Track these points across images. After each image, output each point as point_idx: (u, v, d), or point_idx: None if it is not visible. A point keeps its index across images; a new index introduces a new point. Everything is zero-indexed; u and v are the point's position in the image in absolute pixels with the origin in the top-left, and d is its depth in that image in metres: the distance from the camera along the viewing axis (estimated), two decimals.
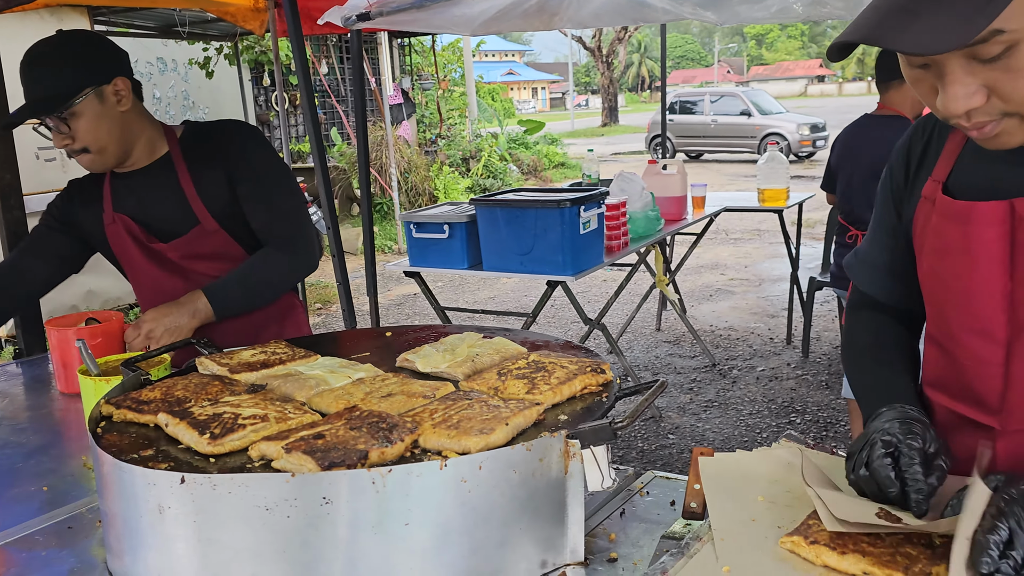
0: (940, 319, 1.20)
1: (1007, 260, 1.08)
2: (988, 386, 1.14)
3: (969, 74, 0.94)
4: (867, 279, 1.38)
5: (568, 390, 1.31)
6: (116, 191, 2.11)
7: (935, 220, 1.16)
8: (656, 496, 1.37)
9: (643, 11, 2.84)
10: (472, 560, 1.07)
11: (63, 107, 1.89)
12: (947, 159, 1.18)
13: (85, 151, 1.97)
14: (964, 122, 0.99)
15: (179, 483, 1.02)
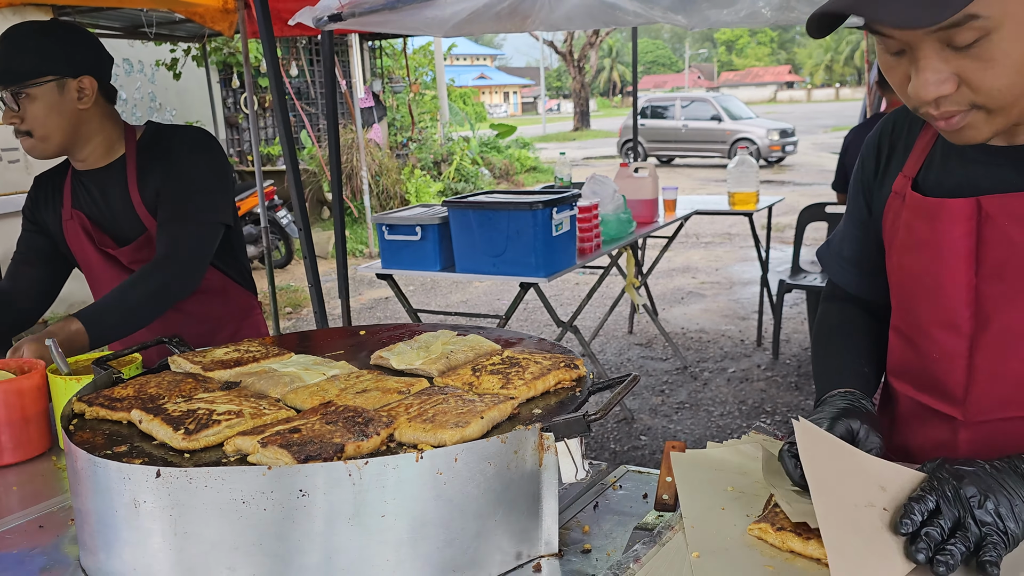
0: (907, 312, 1.23)
1: (972, 256, 1.10)
2: (953, 378, 1.17)
3: (942, 60, 0.96)
4: (838, 270, 1.42)
5: (542, 385, 1.32)
6: (75, 188, 2.10)
7: (905, 216, 1.19)
8: (629, 490, 1.39)
9: (614, 14, 2.87)
10: (448, 551, 1.08)
11: (18, 84, 1.89)
12: (918, 155, 1.21)
13: (28, 135, 1.95)
14: (933, 110, 1.00)
15: (154, 477, 1.02)
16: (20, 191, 6.41)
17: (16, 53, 1.91)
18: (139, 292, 1.92)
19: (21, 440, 1.58)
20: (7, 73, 1.90)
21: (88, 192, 2.08)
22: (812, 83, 63.89)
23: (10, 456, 1.58)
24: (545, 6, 2.92)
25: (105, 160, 2.07)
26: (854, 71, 56.11)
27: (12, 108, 1.92)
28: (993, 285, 1.10)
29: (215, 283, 2.20)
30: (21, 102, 1.91)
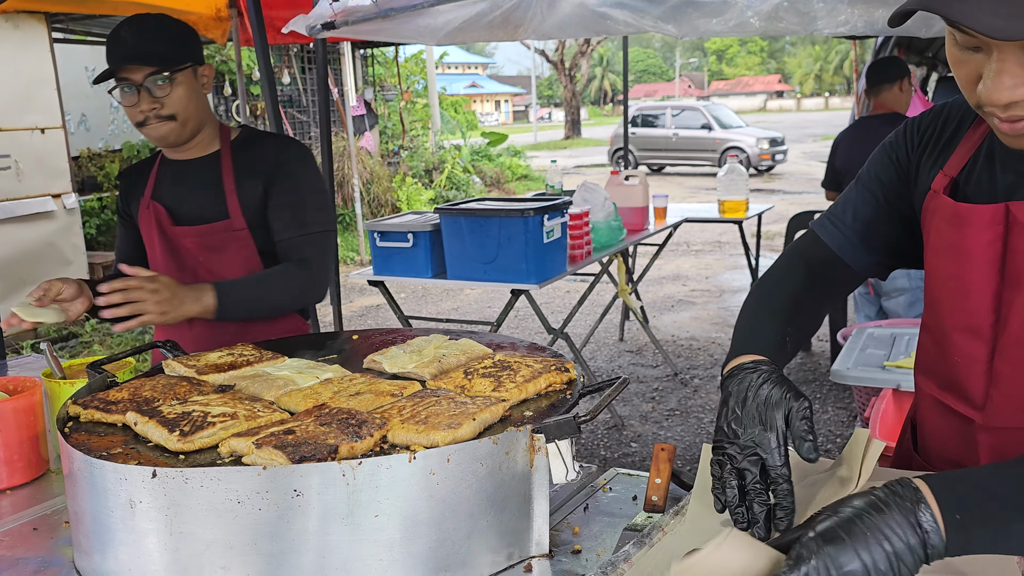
0: (935, 312, 1.22)
1: (999, 261, 1.10)
2: (973, 382, 1.17)
3: (1020, 66, 0.95)
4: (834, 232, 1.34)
5: (533, 388, 1.34)
6: (160, 178, 2.13)
7: (936, 220, 1.18)
8: (618, 492, 1.41)
9: (605, 23, 2.90)
10: (440, 551, 1.10)
11: (171, 68, 1.95)
12: (962, 156, 1.19)
13: (172, 119, 1.99)
14: (1000, 112, 1.00)
15: (150, 477, 1.04)
16: (10, 198, 6.40)
17: (161, 39, 1.96)
18: (276, 281, 2.02)
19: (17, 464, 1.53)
20: (158, 58, 1.94)
21: (173, 181, 2.12)
22: (802, 92, 64.24)
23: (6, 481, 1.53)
24: (537, 15, 2.95)
25: (204, 151, 2.12)
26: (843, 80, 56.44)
27: (155, 95, 1.95)
28: (1015, 291, 1.10)
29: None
30: (164, 88, 1.95)
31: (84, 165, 9.04)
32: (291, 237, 2.06)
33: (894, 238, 1.31)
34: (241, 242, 2.06)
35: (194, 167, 2.11)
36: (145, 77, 1.93)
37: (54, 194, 6.75)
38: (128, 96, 1.96)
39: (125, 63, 1.92)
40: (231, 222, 2.05)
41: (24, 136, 6.52)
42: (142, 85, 1.94)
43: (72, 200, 6.94)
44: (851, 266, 1.33)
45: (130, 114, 2.00)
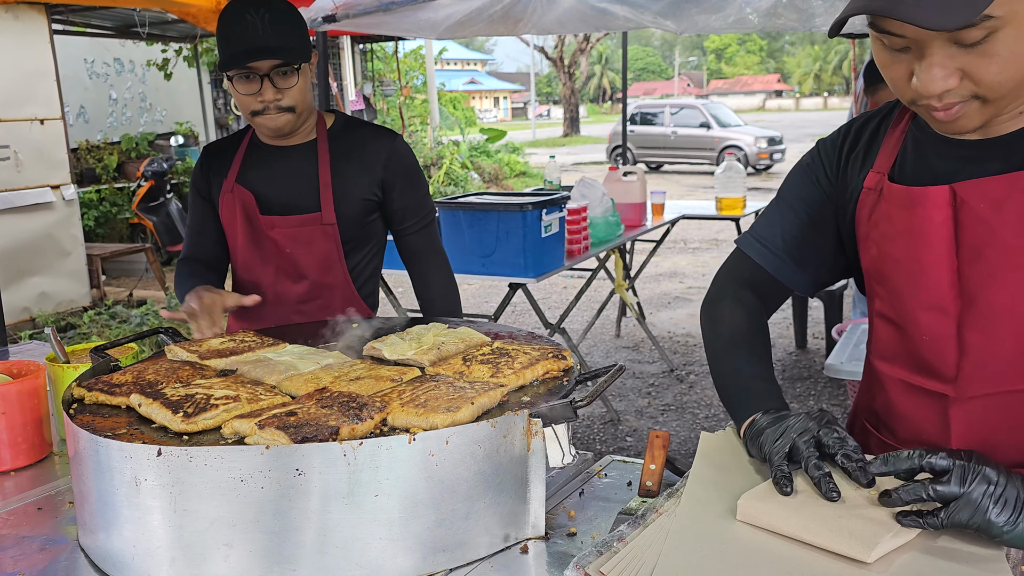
0: (893, 298, 1.28)
1: (952, 240, 1.17)
2: (943, 358, 1.22)
3: (949, 57, 1.04)
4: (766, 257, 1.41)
5: (531, 374, 1.36)
6: (247, 162, 2.10)
7: (884, 207, 1.25)
8: (614, 478, 1.43)
9: (605, 19, 2.93)
10: (438, 531, 1.12)
11: (299, 61, 1.93)
12: (889, 153, 1.27)
13: (291, 110, 1.96)
14: (935, 103, 1.08)
15: (156, 455, 1.06)
16: (9, 189, 6.41)
17: (290, 29, 1.92)
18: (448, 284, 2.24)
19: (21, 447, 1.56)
20: (290, 50, 1.90)
21: (264, 167, 2.08)
22: (801, 92, 64.30)
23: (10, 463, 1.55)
24: (537, 10, 2.97)
25: (303, 139, 2.09)
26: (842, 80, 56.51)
27: (277, 85, 1.91)
28: (974, 266, 1.16)
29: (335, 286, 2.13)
30: (288, 79, 1.93)
31: (83, 157, 9.05)
32: (414, 229, 2.15)
33: (824, 254, 1.39)
34: (327, 236, 2.05)
35: (290, 155, 2.07)
36: (272, 67, 1.89)
37: (53, 185, 6.77)
38: (248, 84, 1.90)
39: (259, 56, 1.86)
40: (321, 216, 2.03)
41: (23, 127, 6.53)
42: (267, 75, 1.89)
43: (71, 191, 6.96)
44: (787, 286, 1.42)
45: (245, 102, 1.94)
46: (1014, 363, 1.17)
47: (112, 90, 10.32)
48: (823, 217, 1.37)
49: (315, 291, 2.09)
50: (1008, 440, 1.17)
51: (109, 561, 1.15)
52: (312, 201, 2.03)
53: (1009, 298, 1.15)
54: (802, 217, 1.39)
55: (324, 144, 2.06)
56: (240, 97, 1.94)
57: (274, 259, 2.07)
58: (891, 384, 1.33)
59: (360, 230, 2.10)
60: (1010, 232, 1.13)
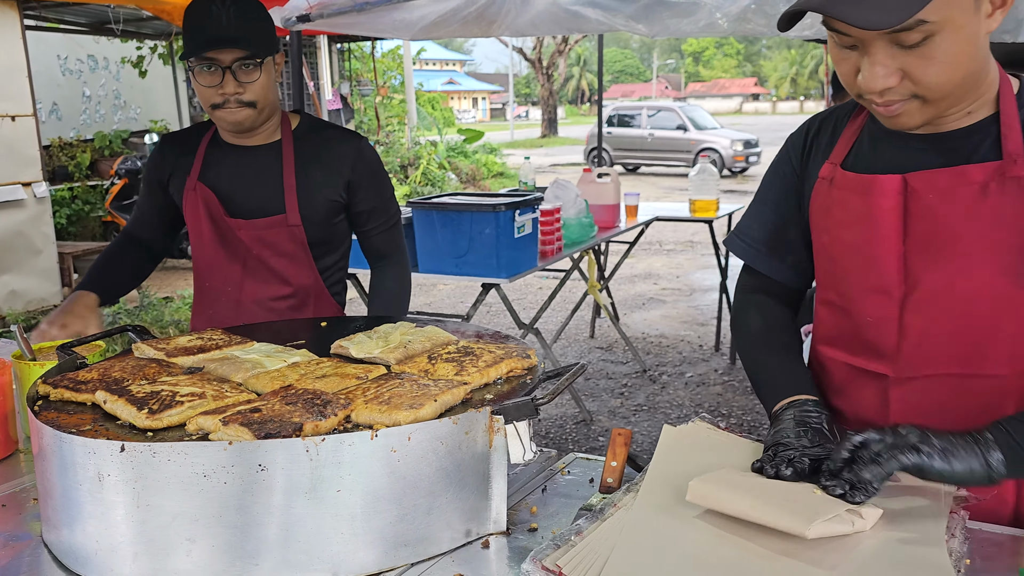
0: (839, 282, 1.36)
1: (901, 227, 1.25)
2: (885, 338, 1.30)
3: (890, 57, 1.12)
4: (748, 251, 1.52)
5: (495, 372, 1.38)
6: (209, 159, 2.08)
7: (836, 194, 1.33)
8: (576, 475, 1.46)
9: (577, 21, 2.95)
10: (400, 526, 1.14)
11: (263, 55, 1.91)
12: (844, 145, 1.36)
13: (252, 105, 1.94)
14: (877, 99, 1.16)
15: (119, 451, 1.07)
16: None
17: (255, 21, 1.91)
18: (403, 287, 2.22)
19: None
20: (254, 42, 1.88)
21: (227, 166, 2.06)
22: (777, 95, 64.86)
23: None
24: (511, 12, 2.99)
25: (266, 140, 2.07)
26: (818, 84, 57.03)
27: (239, 79, 1.89)
28: (919, 252, 1.24)
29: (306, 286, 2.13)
30: (251, 73, 1.90)
31: (55, 154, 8.97)
32: (377, 231, 2.17)
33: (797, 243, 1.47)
34: (293, 237, 2.05)
35: (254, 155, 2.06)
36: (235, 60, 1.87)
37: (24, 183, 6.70)
38: (210, 76, 1.89)
39: (220, 45, 1.84)
40: (286, 217, 2.03)
41: None
42: (229, 67, 1.87)
43: (43, 189, 6.89)
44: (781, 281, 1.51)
45: (206, 94, 1.92)
46: (949, 347, 1.25)
47: (86, 87, 10.21)
48: (791, 207, 1.45)
49: (284, 291, 2.09)
50: (942, 421, 1.23)
51: (72, 556, 1.16)
52: (277, 203, 2.03)
53: (949, 283, 1.23)
54: (773, 209, 1.48)
55: (289, 145, 2.06)
56: (201, 89, 1.92)
57: (241, 259, 2.07)
58: (835, 367, 1.40)
59: (327, 231, 2.10)
60: (955, 221, 1.21)
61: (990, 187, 1.19)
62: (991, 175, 1.19)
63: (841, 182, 1.32)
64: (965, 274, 1.22)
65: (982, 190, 1.19)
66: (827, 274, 1.39)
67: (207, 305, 2.15)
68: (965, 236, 1.21)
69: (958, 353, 1.25)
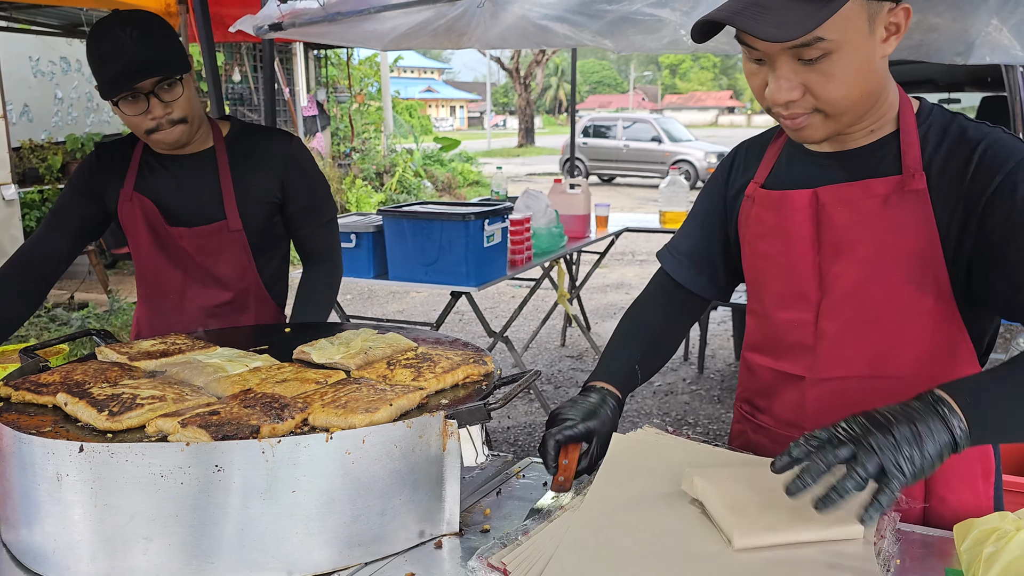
0: (762, 292, 1.46)
1: (814, 236, 1.35)
2: (802, 342, 1.40)
3: (793, 71, 1.20)
4: (671, 261, 1.63)
5: (451, 378, 1.42)
6: (144, 170, 2.08)
7: (756, 211, 1.43)
8: (531, 479, 1.50)
9: (546, 35, 3.00)
10: (354, 527, 1.17)
11: (182, 72, 1.90)
12: (766, 165, 1.46)
13: (183, 121, 1.96)
14: (783, 111, 1.25)
15: (78, 451, 1.09)
16: None
17: (164, 43, 1.90)
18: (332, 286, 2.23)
19: None
20: (168, 64, 1.88)
21: (162, 176, 2.07)
22: (752, 109, 65.49)
23: None
24: (480, 25, 3.03)
25: (198, 148, 2.09)
26: None
27: (163, 100, 1.90)
28: (831, 260, 1.34)
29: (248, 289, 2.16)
30: (174, 92, 1.91)
31: (26, 156, 8.87)
32: (311, 230, 2.19)
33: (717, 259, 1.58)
34: (236, 242, 2.07)
35: (188, 164, 2.08)
36: (155, 84, 1.88)
37: None
38: (135, 105, 1.89)
39: (140, 75, 1.84)
40: (227, 223, 2.06)
41: None
42: (151, 92, 1.88)
43: (11, 191, 6.83)
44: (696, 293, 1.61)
45: (137, 123, 1.92)
46: (860, 349, 1.35)
47: (58, 89, 10.14)
48: (715, 225, 1.56)
49: (225, 296, 2.12)
50: None
51: (31, 556, 1.18)
52: (217, 209, 2.06)
53: (859, 289, 1.32)
54: (700, 226, 1.59)
55: (222, 151, 2.09)
56: (129, 119, 1.91)
57: (182, 266, 2.10)
58: (760, 372, 1.50)
59: (266, 233, 2.14)
60: (860, 231, 1.31)
61: (891, 199, 1.29)
62: (892, 188, 1.29)
63: (760, 199, 1.42)
64: (872, 280, 1.31)
65: (884, 202, 1.29)
66: (751, 285, 1.50)
67: (150, 311, 2.18)
68: (870, 245, 1.30)
69: (867, 355, 1.35)
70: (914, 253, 1.28)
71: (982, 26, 2.38)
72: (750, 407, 1.57)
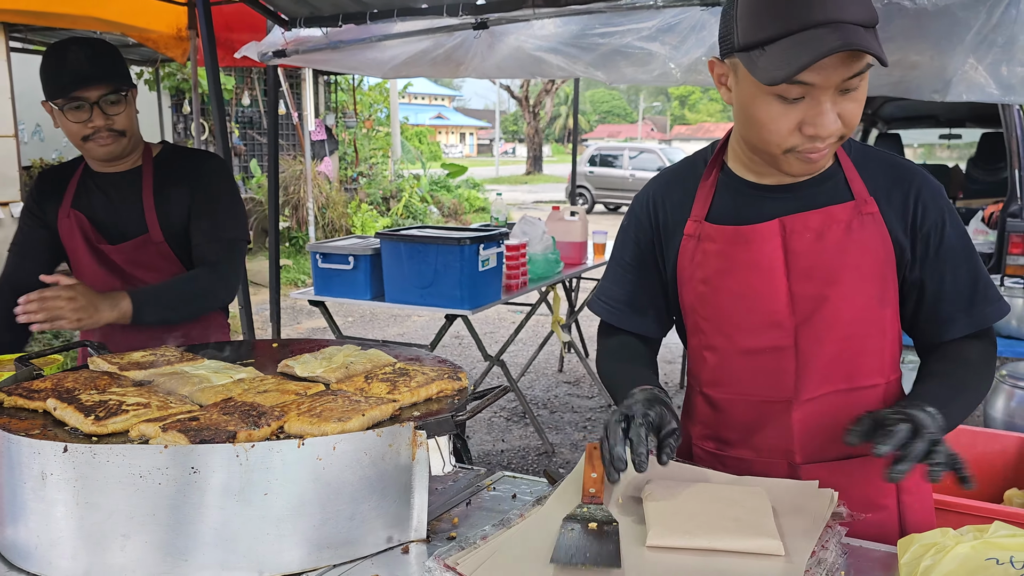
0: (725, 326, 1.47)
1: (784, 265, 1.40)
2: (783, 367, 1.43)
3: (834, 103, 1.25)
4: (610, 311, 1.63)
5: (425, 392, 1.48)
6: (81, 188, 2.25)
7: (710, 247, 1.45)
8: (502, 491, 1.55)
9: (541, 66, 3.10)
10: (323, 530, 1.23)
11: (126, 87, 2.11)
12: (702, 203, 1.48)
13: (122, 134, 2.14)
14: (820, 145, 1.29)
15: (62, 452, 1.16)
16: None
17: (112, 61, 2.10)
18: (188, 287, 2.16)
19: None
20: (115, 78, 2.08)
21: (96, 193, 2.24)
22: None
23: None
24: (477, 55, 3.13)
25: (129, 166, 2.25)
26: None
27: (107, 112, 2.09)
28: (803, 285, 1.40)
29: None
30: (117, 106, 2.10)
31: (35, 175, 9.02)
32: (205, 242, 2.22)
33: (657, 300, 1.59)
34: (163, 255, 2.20)
35: (118, 180, 2.24)
36: (100, 96, 2.06)
37: (2, 202, 6.76)
38: (79, 113, 2.08)
39: (86, 83, 2.04)
40: (149, 236, 2.20)
41: None
42: (96, 103, 2.07)
43: (20, 209, 6.95)
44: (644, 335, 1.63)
45: (75, 130, 2.10)
46: (836, 366, 1.41)
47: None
48: (647, 268, 1.57)
49: None
50: (834, 434, 1.38)
51: (15, 552, 1.24)
52: (140, 224, 2.20)
53: (833, 310, 1.39)
54: (631, 271, 1.59)
55: (148, 169, 2.23)
56: (70, 125, 2.10)
57: (119, 279, 2.22)
58: (732, 406, 1.50)
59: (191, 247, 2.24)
60: (830, 255, 1.37)
61: (852, 223, 1.38)
62: (851, 213, 1.38)
63: (714, 235, 1.45)
64: (843, 300, 1.38)
65: (847, 227, 1.38)
66: (707, 321, 1.49)
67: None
68: (839, 267, 1.38)
69: (843, 371, 1.42)
70: (876, 271, 1.39)
71: (959, 64, 2.46)
72: (717, 443, 1.55)
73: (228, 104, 11.45)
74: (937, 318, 1.44)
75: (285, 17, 3.35)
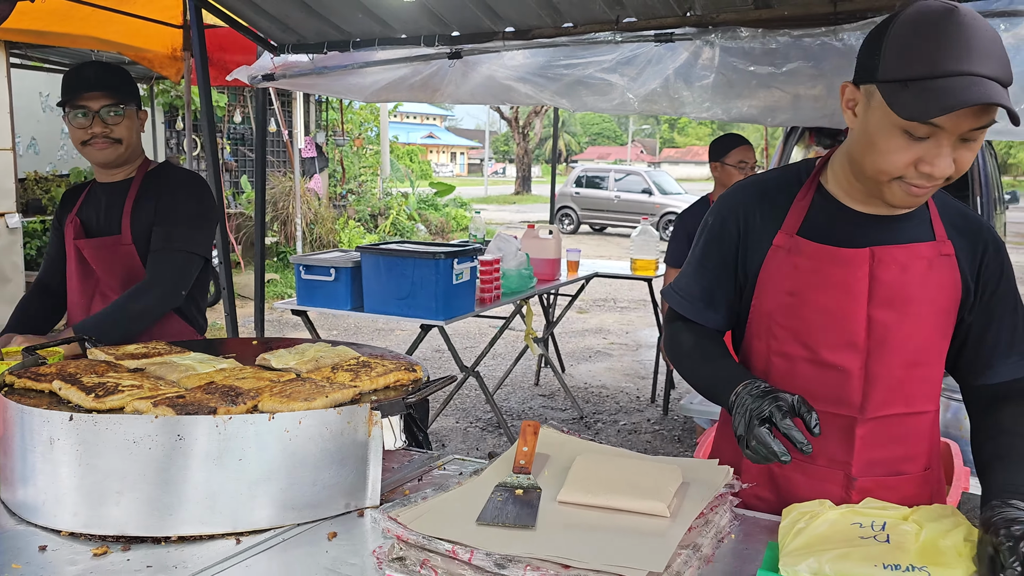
0: (805, 337, 1.56)
1: (868, 290, 1.52)
2: (852, 385, 1.55)
3: (952, 148, 1.34)
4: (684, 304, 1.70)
5: (383, 381, 1.69)
6: (88, 197, 2.55)
7: (801, 261, 1.55)
8: (451, 470, 1.76)
9: (510, 94, 3.33)
10: (289, 492, 1.43)
11: (127, 101, 2.40)
12: (795, 218, 1.57)
13: (118, 142, 2.40)
14: (927, 183, 1.37)
15: (68, 420, 1.37)
16: None
17: (118, 78, 2.41)
18: (130, 310, 2.30)
19: None
20: (116, 90, 2.37)
21: (95, 200, 2.52)
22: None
23: None
24: (452, 82, 3.36)
25: (124, 176, 2.53)
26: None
27: (107, 121, 2.36)
28: (881, 312, 1.51)
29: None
30: (116, 118, 2.37)
31: (30, 187, 9.21)
32: (157, 249, 2.40)
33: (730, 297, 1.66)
34: (128, 255, 2.44)
35: (112, 188, 2.50)
36: (101, 106, 2.34)
37: None
38: (82, 120, 2.36)
39: (90, 90, 2.33)
40: (120, 238, 2.44)
41: None
42: (97, 112, 2.34)
43: (15, 220, 7.14)
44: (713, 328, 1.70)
45: (77, 135, 2.39)
46: (900, 390, 1.56)
47: (64, 124, 10.52)
48: (727, 269, 1.64)
49: None
50: (893, 453, 1.57)
51: (25, 507, 1.44)
52: (115, 226, 2.46)
53: (905, 337, 1.53)
54: (712, 271, 1.66)
55: (138, 180, 2.49)
56: (73, 130, 2.39)
57: (93, 277, 2.48)
58: None
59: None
60: (911, 287, 1.51)
61: (934, 262, 1.51)
62: (933, 252, 1.52)
63: (807, 251, 1.54)
64: (916, 330, 1.52)
65: (929, 264, 1.51)
66: (784, 329, 1.58)
67: (72, 319, 2.54)
68: (917, 299, 1.51)
69: (905, 395, 1.56)
70: (945, 307, 1.53)
71: None
72: None
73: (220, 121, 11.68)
74: (977, 360, 1.57)
75: (274, 43, 3.58)
